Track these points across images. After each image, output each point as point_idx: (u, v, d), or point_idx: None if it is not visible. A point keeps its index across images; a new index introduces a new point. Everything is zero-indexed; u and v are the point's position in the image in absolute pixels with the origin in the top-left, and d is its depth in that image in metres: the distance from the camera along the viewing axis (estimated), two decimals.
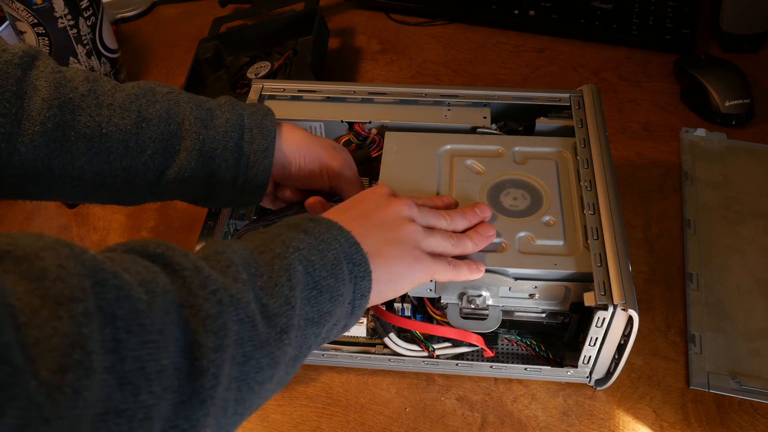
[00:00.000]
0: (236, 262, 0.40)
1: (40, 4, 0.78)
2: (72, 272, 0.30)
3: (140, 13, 1.06)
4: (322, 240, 0.46)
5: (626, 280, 0.52)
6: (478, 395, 0.60)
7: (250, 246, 0.44)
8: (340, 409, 0.60)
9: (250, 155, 0.56)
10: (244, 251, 0.42)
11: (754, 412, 0.58)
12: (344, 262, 0.46)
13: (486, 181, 0.61)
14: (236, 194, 0.57)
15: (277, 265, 0.42)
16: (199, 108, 0.55)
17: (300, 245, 0.44)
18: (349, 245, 0.47)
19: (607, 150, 0.61)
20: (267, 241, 0.44)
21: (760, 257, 0.68)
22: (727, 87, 0.83)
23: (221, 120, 0.55)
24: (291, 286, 0.41)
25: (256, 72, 0.88)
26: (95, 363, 0.29)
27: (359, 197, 0.54)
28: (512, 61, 0.95)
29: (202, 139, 0.54)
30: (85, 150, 0.51)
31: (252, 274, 0.41)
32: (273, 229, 0.47)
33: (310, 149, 0.59)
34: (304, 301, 0.43)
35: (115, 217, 0.77)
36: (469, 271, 0.53)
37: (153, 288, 0.34)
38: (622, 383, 0.60)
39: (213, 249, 0.41)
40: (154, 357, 0.32)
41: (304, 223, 0.47)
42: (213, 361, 0.35)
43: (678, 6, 0.97)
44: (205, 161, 0.55)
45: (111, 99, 0.53)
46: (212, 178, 0.55)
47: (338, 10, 1.06)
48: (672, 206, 0.75)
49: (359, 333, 0.61)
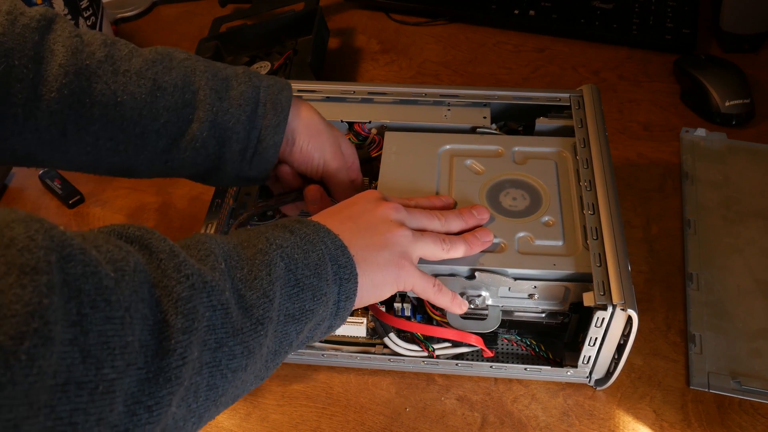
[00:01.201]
0: (216, 253, 0.41)
1: (39, 3, 0.78)
2: (40, 245, 0.30)
3: (140, 13, 1.07)
4: (308, 240, 0.46)
5: (626, 280, 0.51)
6: (478, 395, 0.60)
7: (233, 241, 0.44)
8: (340, 409, 0.60)
9: (261, 129, 0.55)
10: (226, 245, 0.43)
11: (755, 412, 0.58)
12: (329, 264, 0.46)
13: (485, 181, 0.61)
14: (244, 168, 0.57)
15: (258, 259, 0.42)
16: (215, 78, 0.55)
17: (284, 243, 0.45)
18: (335, 247, 0.47)
19: (606, 150, 0.61)
20: (251, 238, 0.45)
21: (761, 257, 0.68)
22: (727, 87, 0.83)
23: (236, 92, 0.55)
24: (270, 280, 0.42)
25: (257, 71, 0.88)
26: (55, 333, 0.29)
27: (350, 201, 0.54)
28: (512, 61, 0.95)
29: (215, 110, 0.54)
30: (100, 116, 0.51)
31: (232, 266, 0.41)
32: (259, 228, 0.47)
33: (319, 138, 0.59)
34: (284, 297, 0.43)
35: (115, 217, 0.77)
36: (452, 301, 0.54)
37: (122, 266, 0.34)
38: (622, 383, 0.60)
39: (195, 239, 0.42)
40: (118, 333, 0.32)
41: (291, 224, 0.47)
42: (180, 342, 0.35)
43: (678, 6, 0.97)
44: (216, 132, 0.54)
45: (127, 65, 0.52)
46: (222, 150, 0.55)
47: (338, 10, 1.06)
48: (672, 206, 0.74)
49: (359, 333, 0.61)
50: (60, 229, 0.33)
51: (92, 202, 0.79)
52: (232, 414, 0.60)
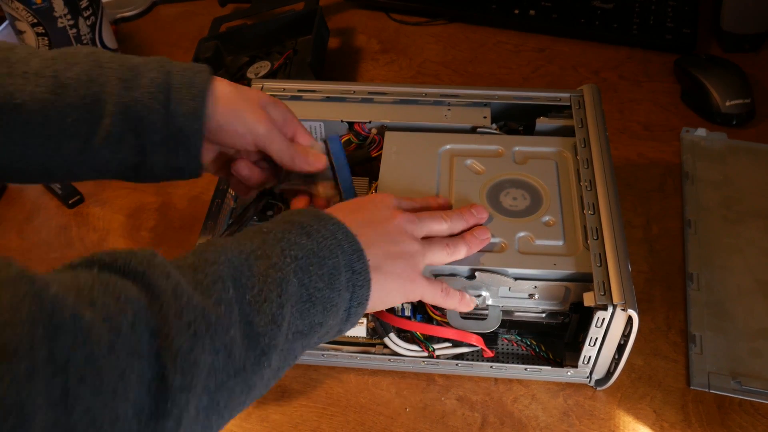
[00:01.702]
0: (224, 276, 0.39)
1: (39, 3, 0.78)
2: (25, 318, 0.28)
3: (140, 12, 1.06)
4: (324, 246, 0.45)
5: (626, 280, 0.51)
6: (478, 395, 0.60)
7: (247, 247, 0.42)
8: (340, 409, 0.60)
9: (179, 116, 0.52)
10: (238, 257, 0.41)
11: (755, 413, 0.58)
12: (343, 271, 0.45)
13: (486, 181, 0.61)
14: (172, 159, 0.53)
15: (271, 277, 0.41)
16: (123, 68, 0.52)
17: (299, 253, 0.43)
18: (352, 251, 0.46)
19: (607, 150, 0.61)
20: (267, 244, 0.43)
21: (761, 257, 0.68)
22: (727, 87, 0.83)
23: (146, 80, 0.51)
24: (281, 303, 0.41)
25: (256, 72, 0.88)
26: (34, 422, 0.27)
27: (366, 202, 0.53)
28: (512, 61, 0.95)
29: (125, 101, 0.50)
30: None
31: (241, 286, 0.40)
32: (276, 227, 0.45)
33: (236, 109, 0.55)
34: (294, 315, 0.42)
35: (115, 217, 0.77)
36: (460, 302, 0.54)
37: (119, 324, 0.32)
38: (623, 383, 0.60)
39: (204, 257, 0.40)
40: (108, 405, 0.30)
41: (309, 223, 0.46)
42: (178, 404, 0.34)
43: (678, 6, 0.97)
44: (131, 124, 0.51)
45: (25, 66, 0.49)
46: (142, 142, 0.52)
47: (338, 10, 1.06)
48: (672, 206, 0.74)
49: (359, 333, 0.61)
50: (52, 290, 0.30)
51: (92, 202, 0.79)
52: None
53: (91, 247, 0.74)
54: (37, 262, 0.73)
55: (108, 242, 0.75)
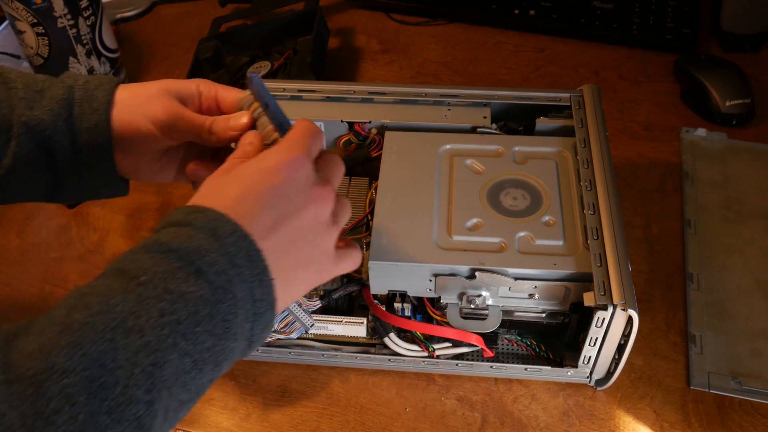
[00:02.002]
0: (74, 391, 0.31)
1: (39, 3, 0.78)
2: None
3: (140, 12, 1.06)
4: (219, 285, 0.37)
5: (626, 280, 0.51)
6: (479, 395, 0.60)
7: (116, 315, 0.34)
8: (340, 409, 0.60)
9: (82, 132, 0.49)
10: (100, 342, 0.33)
11: (755, 413, 0.58)
12: (241, 308, 0.38)
13: (486, 181, 0.61)
14: (89, 178, 0.51)
15: (140, 365, 0.33)
16: (28, 88, 0.50)
17: (182, 315, 0.35)
18: (254, 276, 0.39)
19: (607, 150, 0.61)
20: (141, 305, 0.35)
21: (761, 257, 0.68)
22: (727, 87, 0.83)
23: (47, 98, 0.49)
24: (151, 399, 0.34)
25: (256, 72, 0.88)
26: None
27: (279, 183, 0.42)
28: (512, 61, 0.95)
29: (29, 122, 0.49)
30: None
31: (99, 389, 0.32)
32: (158, 266, 0.36)
33: (132, 108, 0.50)
34: (172, 396, 0.35)
35: (115, 217, 0.77)
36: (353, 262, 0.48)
37: None
38: (623, 383, 0.60)
39: (47, 337, 0.33)
40: None
41: (204, 248, 0.37)
42: None
43: (678, 6, 0.97)
44: (39, 144, 0.49)
45: None
46: (53, 162, 0.50)
47: (338, 10, 1.06)
48: (672, 206, 0.74)
49: (359, 333, 0.61)
50: None
51: (92, 202, 0.79)
52: (231, 414, 0.60)
53: (91, 248, 0.74)
54: (37, 262, 0.73)
55: (108, 242, 0.75)
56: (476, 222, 0.58)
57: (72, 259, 0.74)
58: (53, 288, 0.71)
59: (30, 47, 0.82)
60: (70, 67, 0.84)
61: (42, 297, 0.70)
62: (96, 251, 0.74)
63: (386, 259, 0.55)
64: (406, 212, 0.58)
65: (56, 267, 0.73)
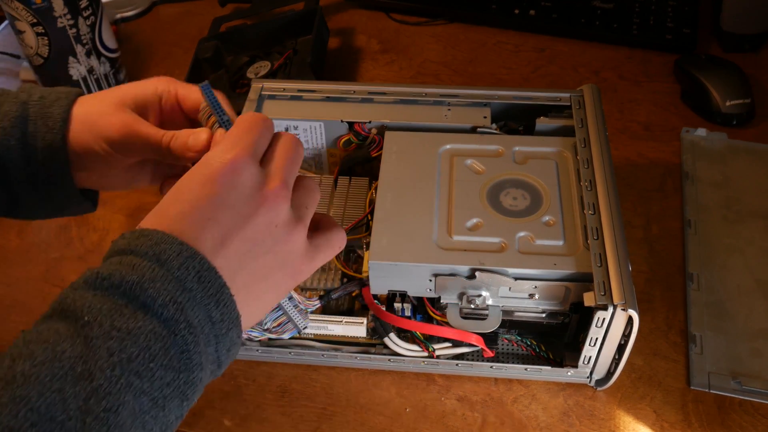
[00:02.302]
0: None
1: (39, 3, 0.78)
2: None
3: (140, 12, 1.06)
4: (171, 316, 0.34)
5: (626, 280, 0.51)
6: (479, 395, 0.60)
7: (64, 365, 0.31)
8: (340, 409, 0.60)
9: (37, 152, 0.47)
10: (48, 393, 0.30)
11: (755, 413, 0.58)
12: (200, 339, 0.35)
13: (486, 181, 0.61)
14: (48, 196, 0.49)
15: (92, 413, 0.31)
16: None
17: (133, 351, 0.33)
18: (210, 298, 0.36)
19: (607, 150, 0.61)
20: (89, 349, 0.32)
21: (761, 257, 0.68)
22: (727, 87, 0.83)
23: (0, 114, 0.47)
24: None
25: (256, 72, 0.88)
26: None
27: (221, 189, 0.38)
28: (512, 61, 0.95)
29: None
30: None
31: None
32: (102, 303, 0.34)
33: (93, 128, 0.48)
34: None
35: (115, 217, 0.77)
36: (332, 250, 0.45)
37: None
38: (623, 383, 0.60)
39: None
40: None
41: (143, 289, 0.34)
42: None
43: (678, 6, 0.97)
44: None
45: None
46: (8, 181, 0.48)
47: (338, 10, 1.06)
48: (672, 206, 0.74)
49: (359, 333, 0.61)
50: None
51: None
52: (231, 414, 0.60)
53: (91, 248, 0.74)
54: (37, 263, 0.73)
55: (108, 242, 0.74)
56: (476, 222, 0.58)
57: (72, 259, 0.74)
58: (53, 288, 0.71)
59: (30, 47, 0.82)
60: (70, 67, 0.84)
61: (42, 297, 0.70)
62: (96, 251, 0.74)
63: (386, 259, 0.55)
64: (406, 212, 0.58)
65: (56, 267, 0.73)
